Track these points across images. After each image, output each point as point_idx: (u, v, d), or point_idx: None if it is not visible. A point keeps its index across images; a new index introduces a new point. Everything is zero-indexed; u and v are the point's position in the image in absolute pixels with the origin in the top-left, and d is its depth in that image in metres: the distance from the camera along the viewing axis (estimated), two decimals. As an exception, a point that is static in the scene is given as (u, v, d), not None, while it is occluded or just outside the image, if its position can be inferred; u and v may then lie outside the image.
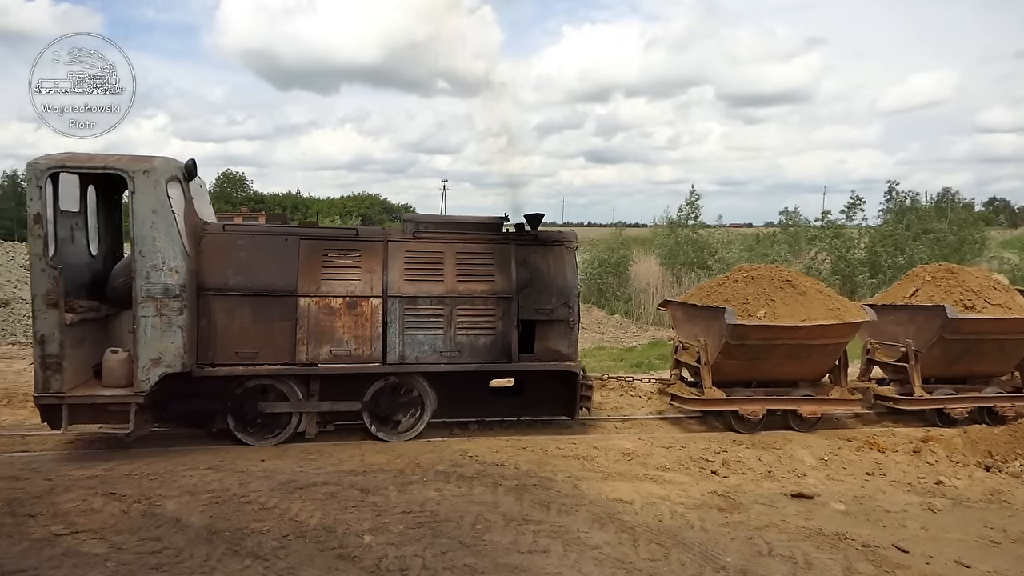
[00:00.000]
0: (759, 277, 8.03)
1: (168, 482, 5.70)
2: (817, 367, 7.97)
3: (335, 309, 6.85)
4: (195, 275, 6.56)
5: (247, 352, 6.72)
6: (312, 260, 6.92)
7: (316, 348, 6.80)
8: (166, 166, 6.44)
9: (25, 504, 5.20)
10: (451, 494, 5.52)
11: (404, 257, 7.10)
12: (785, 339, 7.44)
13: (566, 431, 7.69)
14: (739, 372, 7.76)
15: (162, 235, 6.29)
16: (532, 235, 7.46)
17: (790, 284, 7.84)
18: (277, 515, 5.02)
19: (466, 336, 7.05)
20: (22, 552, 4.43)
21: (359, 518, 5.00)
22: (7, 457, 6.49)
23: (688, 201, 24.65)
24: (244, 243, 6.89)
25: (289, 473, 5.96)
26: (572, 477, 6.03)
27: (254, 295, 6.73)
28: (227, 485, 5.62)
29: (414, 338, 6.98)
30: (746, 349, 7.48)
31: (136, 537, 4.67)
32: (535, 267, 7.25)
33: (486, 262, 7.21)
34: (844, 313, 7.66)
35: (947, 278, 8.40)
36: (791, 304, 7.59)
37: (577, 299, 7.28)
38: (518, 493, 5.56)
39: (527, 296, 7.15)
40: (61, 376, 6.20)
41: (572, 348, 7.23)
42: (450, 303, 7.03)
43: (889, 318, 8.46)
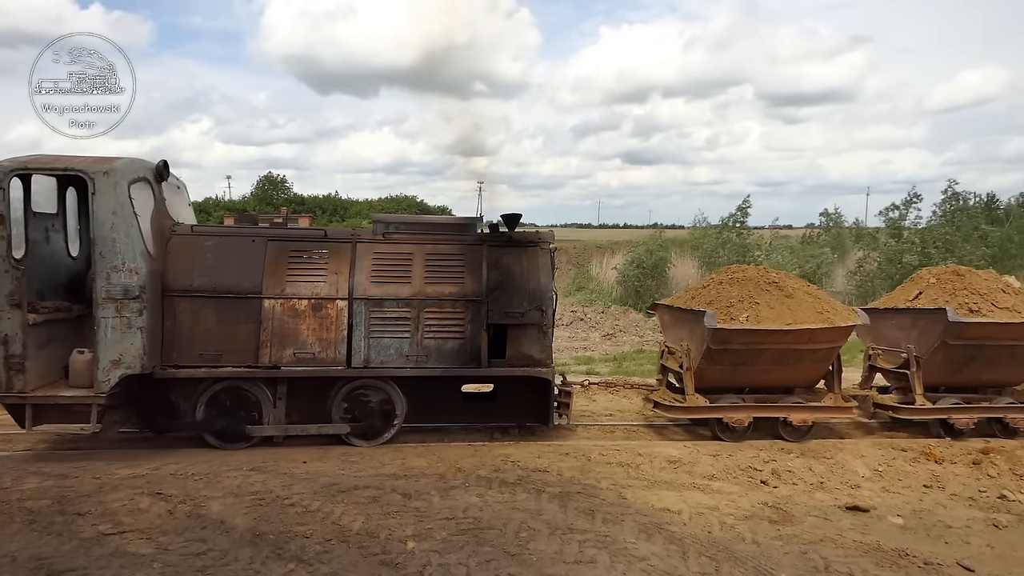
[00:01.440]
0: (745, 279, 7.72)
1: (212, 483, 5.73)
2: (808, 373, 7.65)
3: (300, 311, 6.73)
4: (159, 276, 6.53)
5: (211, 354, 6.62)
6: (278, 262, 6.83)
7: (280, 351, 6.69)
8: (129, 168, 6.43)
9: (74, 502, 5.26)
10: (494, 500, 5.44)
11: (372, 259, 6.96)
12: (771, 344, 7.12)
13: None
14: (724, 378, 7.46)
15: (122, 236, 6.25)
16: (506, 236, 7.22)
17: (776, 286, 7.53)
18: (320, 519, 5.00)
19: (433, 340, 6.85)
20: (72, 551, 4.47)
21: (402, 523, 4.95)
22: (59, 454, 6.61)
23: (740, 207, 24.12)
24: (211, 244, 6.83)
25: (331, 476, 5.94)
26: (616, 485, 5.90)
27: (219, 296, 6.64)
28: (270, 487, 5.62)
29: (380, 341, 6.81)
30: (729, 354, 7.20)
31: (182, 538, 4.68)
32: (507, 269, 7.00)
33: (456, 264, 7.01)
34: (833, 316, 7.34)
35: (952, 280, 8.00)
36: (776, 307, 7.27)
37: (552, 303, 6.98)
38: (562, 500, 5.45)
39: (497, 299, 6.89)
40: (24, 376, 6.22)
41: (545, 353, 6.95)
42: (417, 306, 6.84)
43: (891, 322, 8.15)
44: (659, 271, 24.09)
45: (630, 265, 24.05)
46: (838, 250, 24.16)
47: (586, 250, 35.82)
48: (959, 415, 7.72)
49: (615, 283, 25.33)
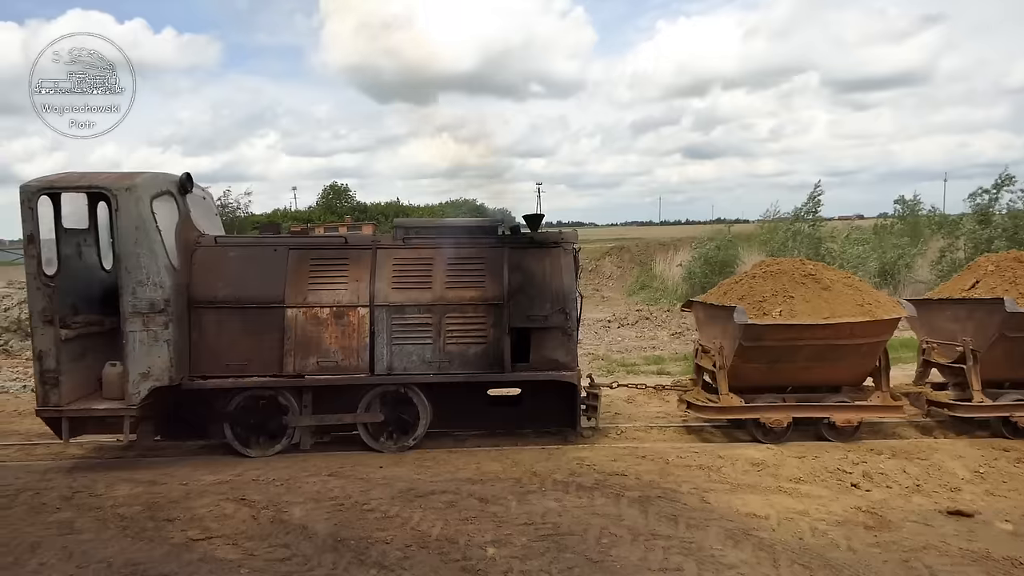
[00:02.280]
0: (779, 272, 7.35)
1: (293, 488, 5.81)
2: (853, 370, 7.20)
3: (322, 319, 6.71)
4: (185, 289, 6.60)
5: (237, 364, 6.65)
6: (300, 270, 6.83)
7: (303, 359, 6.68)
8: (151, 183, 6.50)
9: (163, 508, 5.42)
10: (572, 505, 5.33)
11: (393, 264, 6.90)
12: (808, 339, 6.76)
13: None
14: (760, 377, 7.11)
15: (146, 251, 6.33)
16: (527, 237, 7.08)
17: (813, 278, 7.13)
18: (399, 524, 5.00)
19: (456, 345, 6.75)
20: (163, 556, 4.58)
21: (480, 529, 4.90)
22: (146, 461, 6.83)
23: (812, 196, 23.24)
24: (235, 255, 6.89)
25: (407, 480, 5.95)
26: (698, 489, 5.71)
27: (243, 307, 6.68)
28: (349, 492, 5.66)
29: (402, 348, 6.73)
30: (764, 351, 6.86)
31: (266, 544, 4.75)
32: (529, 271, 6.85)
33: (476, 267, 6.89)
34: (875, 309, 6.87)
35: (1013, 267, 7.43)
36: (813, 300, 6.89)
37: (576, 304, 6.82)
38: (642, 505, 5.31)
39: (519, 302, 6.75)
40: (59, 390, 6.36)
41: (571, 356, 6.77)
42: (439, 311, 6.75)
43: (946, 314, 7.61)
44: (727, 267, 23.49)
45: (697, 261, 23.53)
46: (917, 239, 23.01)
47: (648, 248, 35.28)
48: (1022, 413, 7.15)
49: (680, 280, 24.85)
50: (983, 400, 7.20)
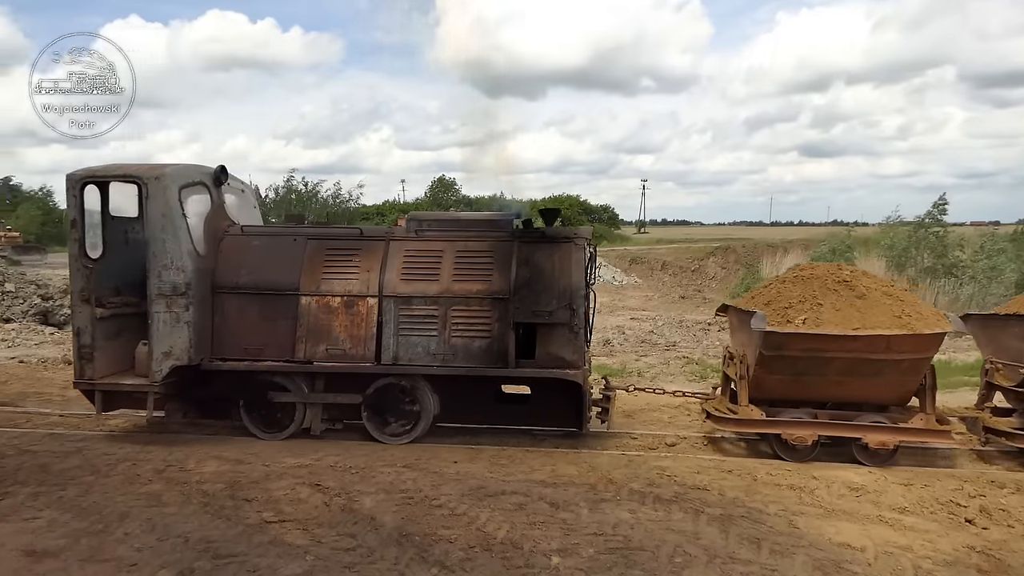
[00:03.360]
0: (811, 277, 6.80)
1: (367, 477, 5.85)
2: (893, 388, 6.56)
3: (333, 308, 6.83)
4: (209, 274, 6.87)
5: (254, 348, 6.88)
6: (315, 260, 6.98)
7: (314, 346, 6.82)
8: (181, 173, 6.85)
9: (244, 488, 5.58)
10: (646, 518, 5.06)
11: (403, 256, 6.93)
12: (837, 351, 6.23)
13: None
14: (786, 389, 6.64)
15: (170, 237, 6.63)
16: (539, 232, 6.92)
17: (847, 286, 6.55)
18: (465, 523, 4.90)
19: (461, 338, 6.70)
20: (236, 536, 4.70)
21: (547, 535, 4.73)
22: (237, 441, 7.09)
23: (936, 204, 21.54)
24: (258, 243, 7.13)
25: (480, 478, 5.86)
26: (787, 511, 5.30)
27: (261, 293, 6.90)
28: (420, 486, 5.63)
29: (408, 339, 6.76)
30: (788, 362, 6.40)
31: (334, 532, 4.78)
32: (537, 266, 6.69)
33: (485, 261, 6.81)
34: (915, 322, 6.22)
35: None
36: (844, 309, 6.33)
37: (583, 301, 6.58)
38: (723, 524, 4.97)
39: (524, 297, 6.60)
40: (93, 365, 6.77)
41: (578, 355, 6.55)
42: (445, 304, 6.72)
43: (1012, 331, 6.77)
44: (842, 272, 22.06)
45: None
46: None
47: (756, 249, 33.88)
48: None
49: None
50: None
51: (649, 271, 35.33)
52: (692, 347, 14.05)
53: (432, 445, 6.91)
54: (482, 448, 6.85)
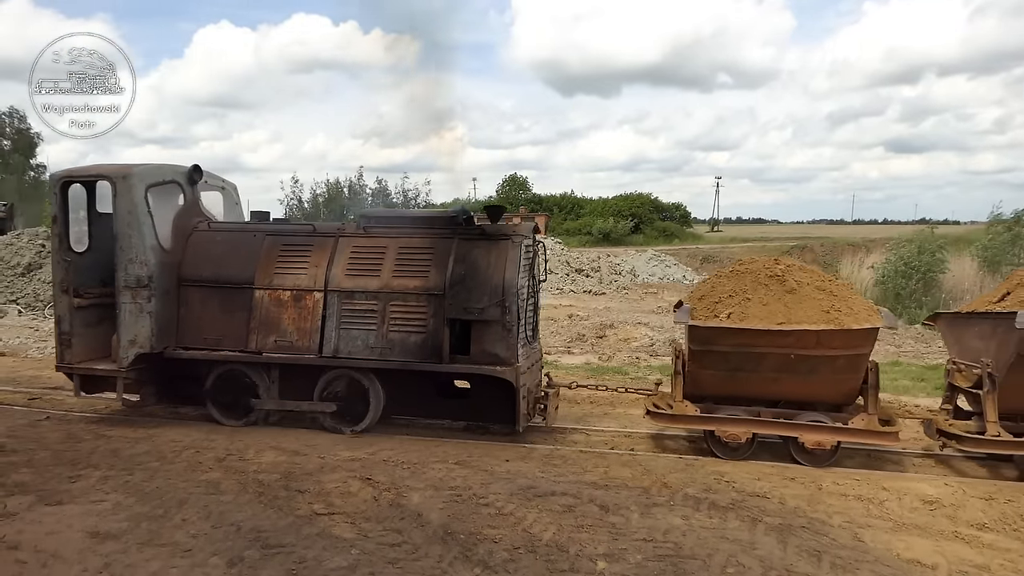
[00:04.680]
0: (745, 272, 6.62)
1: (418, 473, 5.86)
2: (832, 386, 6.35)
3: (283, 301, 7.08)
4: (175, 267, 7.25)
5: (213, 338, 7.18)
6: (271, 255, 7.22)
7: (265, 337, 7.07)
8: (149, 173, 7.23)
9: (298, 479, 5.68)
10: (700, 525, 4.87)
11: (351, 252, 7.10)
12: (766, 347, 6.07)
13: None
14: (721, 386, 6.55)
15: (135, 232, 7.01)
16: (479, 229, 6.93)
17: (778, 280, 6.35)
18: (512, 523, 4.83)
19: (398, 333, 6.82)
20: (286, 527, 4.77)
21: (594, 539, 4.61)
22: (296, 432, 7.23)
23: None
24: (221, 239, 7.46)
25: (530, 478, 5.78)
26: (852, 523, 5.00)
27: (221, 286, 7.21)
28: (470, 483, 5.60)
29: (348, 332, 6.92)
30: (720, 357, 6.30)
31: (381, 527, 4.79)
32: (473, 263, 6.72)
33: (424, 257, 6.92)
34: (845, 317, 6.00)
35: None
36: (771, 304, 6.19)
37: (516, 298, 6.56)
38: (781, 535, 4.72)
39: (458, 293, 6.65)
40: (71, 350, 7.29)
41: (510, 352, 6.54)
42: (384, 298, 6.86)
43: (973, 331, 6.43)
44: (928, 273, 20.88)
45: (897, 263, 21.10)
46: None
47: (835, 248, 32.54)
48: None
49: (871, 285, 22.56)
50: (999, 433, 6.02)
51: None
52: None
53: (485, 442, 6.88)
54: (535, 447, 6.77)
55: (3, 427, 7.23)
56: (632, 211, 55.95)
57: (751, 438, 6.42)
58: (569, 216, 58.53)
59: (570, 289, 25.00)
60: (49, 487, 5.52)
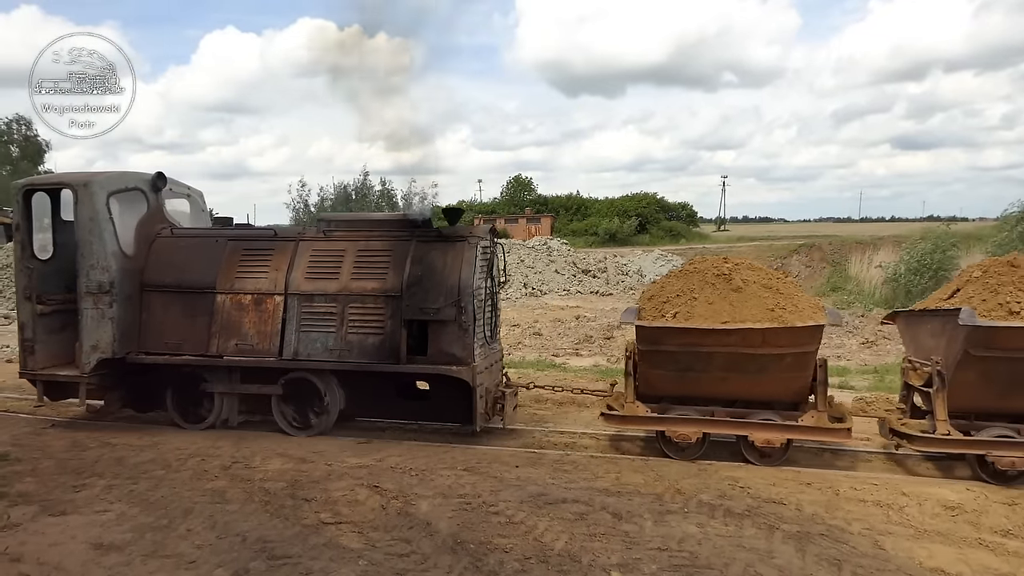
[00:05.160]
0: (693, 271, 6.63)
1: (426, 480, 5.76)
2: (782, 384, 6.30)
3: (244, 305, 7.12)
4: (137, 273, 7.29)
5: (175, 343, 7.21)
6: (232, 260, 7.28)
7: (226, 341, 7.10)
8: (110, 181, 7.28)
9: (304, 487, 5.58)
10: (715, 533, 4.75)
11: (310, 256, 7.16)
12: (713, 346, 6.06)
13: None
14: (672, 386, 6.53)
15: (96, 239, 7.05)
16: (435, 231, 7.03)
17: (725, 279, 6.35)
18: (522, 532, 4.72)
19: (356, 335, 6.87)
20: (292, 537, 4.68)
21: (607, 548, 4.49)
22: (303, 440, 7.12)
23: None
24: (184, 244, 7.52)
25: (541, 484, 5.67)
26: (872, 530, 4.87)
27: (183, 291, 7.26)
28: (479, 491, 5.49)
29: (308, 335, 6.97)
30: (667, 357, 6.28)
31: (389, 536, 4.69)
32: (430, 265, 6.80)
33: (382, 260, 6.98)
34: (788, 315, 6.01)
35: (1003, 273, 6.09)
36: (717, 303, 6.19)
37: (472, 299, 6.62)
38: (800, 543, 4.60)
39: (414, 294, 6.72)
40: (34, 356, 7.32)
41: (467, 352, 6.60)
42: (342, 301, 6.92)
43: (926, 328, 6.35)
44: (941, 271, 20.62)
45: (909, 261, 20.83)
46: None
47: (843, 246, 32.26)
48: (1003, 452, 5.79)
49: (880, 283, 22.34)
50: (949, 432, 5.94)
51: (728, 270, 34.21)
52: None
53: (494, 448, 6.78)
54: (544, 452, 6.66)
55: (8, 435, 7.19)
56: (638, 211, 55.74)
57: (701, 438, 6.40)
58: (575, 217, 58.38)
59: (577, 290, 24.90)
60: (53, 497, 5.45)
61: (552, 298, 23.42)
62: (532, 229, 50.83)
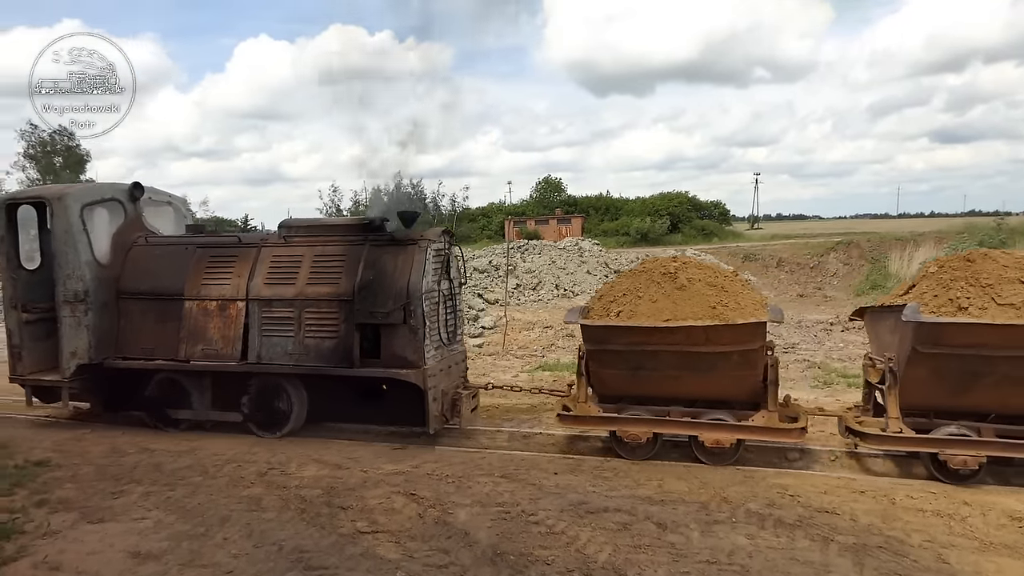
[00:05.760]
0: (642, 271, 6.63)
1: (463, 488, 5.63)
2: (733, 383, 6.25)
3: (210, 311, 7.30)
4: (113, 281, 7.53)
5: (148, 348, 7.41)
6: (199, 267, 7.45)
7: (193, 346, 7.28)
8: (84, 193, 7.59)
9: (340, 495, 5.50)
10: (766, 544, 4.54)
11: (271, 262, 7.28)
12: (659, 345, 6.04)
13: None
14: (625, 385, 6.52)
15: (71, 250, 7.30)
16: (388, 236, 7.10)
17: (670, 277, 6.35)
18: (564, 543, 4.57)
19: (313, 338, 6.98)
20: (328, 547, 4.59)
21: (653, 560, 4.32)
22: (338, 444, 7.08)
23: None
24: (158, 253, 7.73)
25: (581, 492, 5.51)
26: (933, 542, 4.61)
27: (156, 298, 7.46)
28: (517, 499, 5.35)
29: (269, 339, 7.09)
30: (617, 357, 6.28)
31: (427, 546, 4.57)
32: (381, 269, 6.85)
33: (337, 265, 7.06)
34: (729, 313, 5.96)
35: (957, 268, 5.92)
36: (660, 301, 6.17)
37: (421, 302, 6.64)
38: (857, 556, 4.37)
39: (365, 298, 6.75)
40: (22, 363, 7.62)
41: (418, 355, 6.62)
42: (299, 306, 7.02)
43: (885, 325, 6.19)
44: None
45: None
46: None
47: (882, 243, 31.40)
48: (955, 451, 5.68)
49: (922, 280, 21.69)
50: (901, 430, 5.84)
51: (763, 268, 33.48)
52: (813, 349, 13.04)
53: (532, 454, 6.63)
54: (583, 459, 6.49)
55: (50, 441, 7.24)
56: (669, 210, 55.07)
57: (652, 438, 6.37)
58: (606, 217, 57.92)
59: (610, 291, 24.60)
60: (92, 504, 5.45)
61: (584, 299, 23.19)
62: (563, 230, 50.56)
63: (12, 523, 5.03)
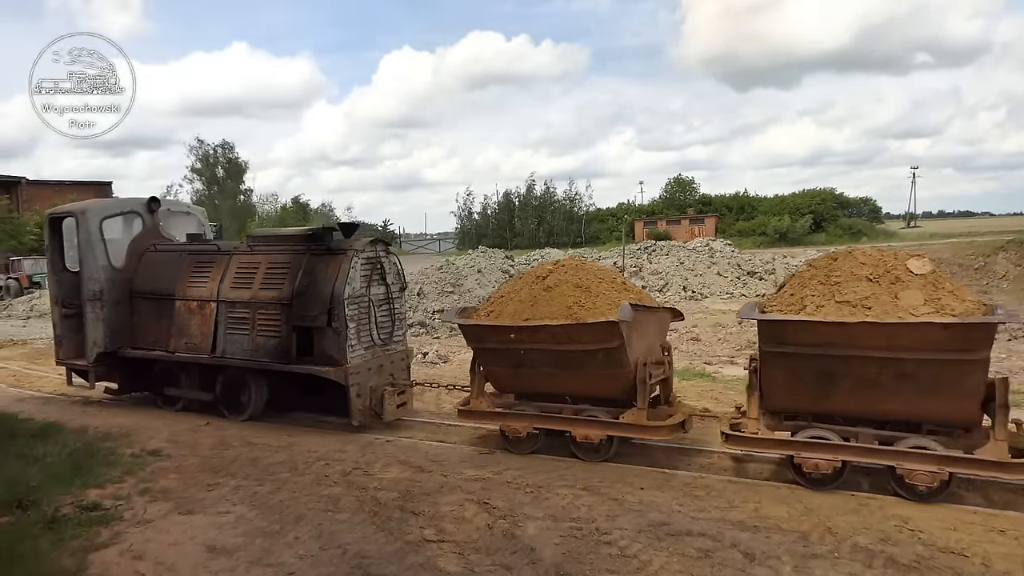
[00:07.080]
0: (525, 274, 7.11)
1: (540, 498, 5.38)
2: (604, 382, 6.34)
3: (192, 310, 8.24)
4: (127, 282, 8.71)
5: (151, 341, 8.50)
6: (187, 271, 8.41)
7: (179, 340, 8.28)
8: (104, 207, 8.99)
9: (415, 499, 5.42)
10: (871, 587, 3.93)
11: (237, 268, 8.10)
12: (529, 343, 6.31)
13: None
14: (512, 382, 6.89)
15: (91, 255, 8.53)
16: (324, 245, 7.62)
17: (542, 280, 6.65)
18: (633, 568, 4.20)
19: (262, 337, 7.75)
20: (391, 554, 4.50)
21: (732, 596, 3.85)
22: (426, 446, 7.05)
23: None
24: (163, 258, 8.78)
25: (664, 511, 5.08)
26: (1089, 601, 3.80)
27: (156, 298, 8.53)
28: (594, 514, 5.02)
29: (232, 336, 7.94)
30: (496, 354, 6.66)
31: (490, 560, 4.37)
32: (314, 275, 7.47)
33: (282, 271, 7.75)
34: (583, 312, 6.13)
35: (818, 267, 5.81)
36: (526, 301, 6.53)
37: (344, 307, 7.22)
38: (983, 610, 3.68)
39: (300, 303, 7.43)
40: (63, 349, 9.04)
41: (341, 354, 7.26)
42: (253, 307, 7.81)
43: None
44: None
45: None
46: None
47: (1065, 241, 27.61)
48: (810, 453, 5.46)
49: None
50: (758, 431, 5.68)
51: (919, 269, 30.52)
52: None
53: (619, 465, 6.24)
54: (675, 473, 6.02)
55: (168, 432, 7.73)
56: (812, 208, 51.63)
57: (533, 433, 6.56)
58: (741, 216, 55.28)
59: (741, 293, 23.36)
60: (188, 495, 5.71)
61: (713, 302, 22.13)
62: (695, 230, 48.81)
63: (115, 509, 5.37)
